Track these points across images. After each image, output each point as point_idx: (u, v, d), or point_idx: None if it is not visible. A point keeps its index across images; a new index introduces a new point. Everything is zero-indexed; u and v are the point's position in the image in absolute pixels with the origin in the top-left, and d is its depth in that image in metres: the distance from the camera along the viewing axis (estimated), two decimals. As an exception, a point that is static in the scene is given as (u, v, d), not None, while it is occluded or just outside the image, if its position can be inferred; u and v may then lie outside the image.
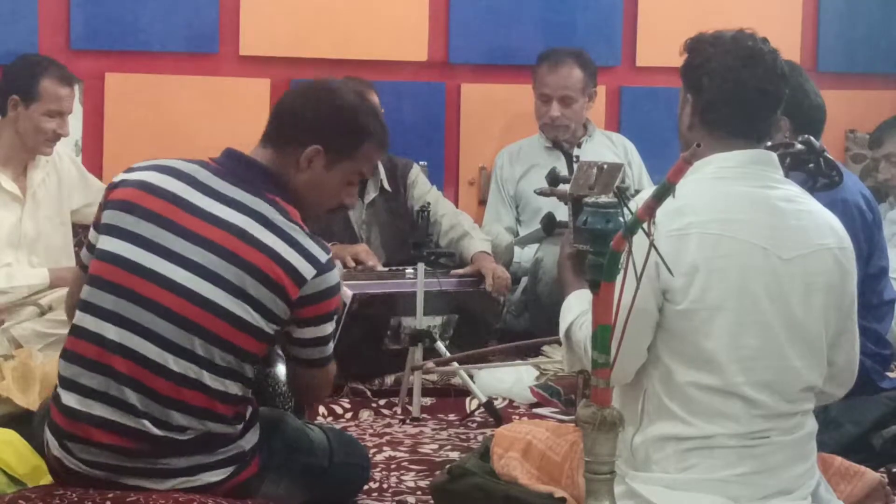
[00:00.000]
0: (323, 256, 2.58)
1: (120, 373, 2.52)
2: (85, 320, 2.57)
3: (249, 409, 2.65)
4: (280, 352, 3.14)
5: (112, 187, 2.64)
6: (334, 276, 2.62)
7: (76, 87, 4.20)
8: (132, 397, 2.52)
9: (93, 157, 4.70)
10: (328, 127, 2.66)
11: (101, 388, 2.53)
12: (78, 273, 2.74)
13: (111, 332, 2.53)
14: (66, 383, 2.58)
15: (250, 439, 2.64)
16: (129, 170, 2.66)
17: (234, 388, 2.57)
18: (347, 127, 2.68)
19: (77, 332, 2.59)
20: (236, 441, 2.61)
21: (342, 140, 2.67)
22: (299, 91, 2.75)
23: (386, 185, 4.61)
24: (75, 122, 4.46)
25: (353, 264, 4.33)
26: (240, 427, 2.61)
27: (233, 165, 2.64)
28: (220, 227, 2.54)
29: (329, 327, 2.66)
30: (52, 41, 4.64)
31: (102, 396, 2.53)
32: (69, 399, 2.56)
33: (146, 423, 2.52)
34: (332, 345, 2.71)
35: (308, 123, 2.66)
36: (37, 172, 4.12)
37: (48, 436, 2.63)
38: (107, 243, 2.58)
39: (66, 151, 4.34)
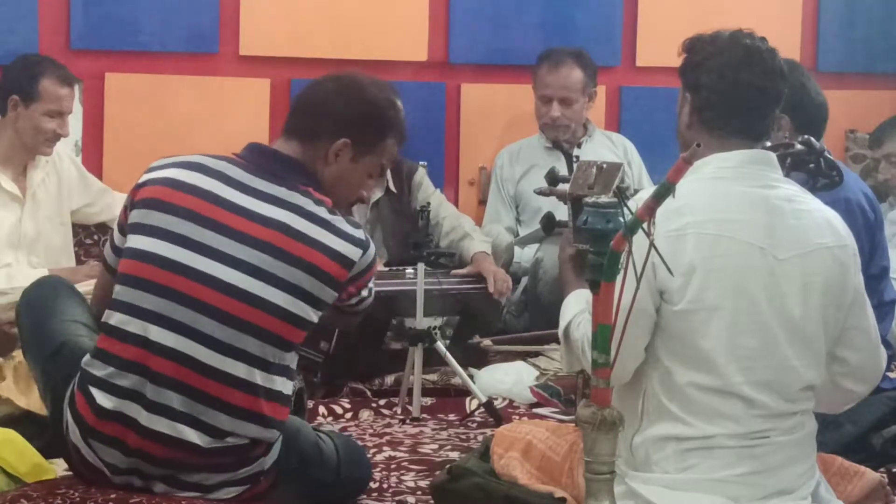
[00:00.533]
0: (362, 234, 2.64)
1: (161, 374, 2.49)
2: (122, 320, 2.54)
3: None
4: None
5: (137, 188, 2.62)
6: (373, 247, 2.68)
7: (76, 87, 4.21)
8: (174, 400, 2.49)
9: (93, 157, 4.70)
10: (357, 121, 2.68)
11: (136, 388, 2.50)
12: (105, 274, 2.72)
13: (155, 332, 2.50)
14: (99, 383, 2.53)
15: (273, 455, 2.63)
16: (151, 169, 2.65)
17: (279, 383, 2.57)
18: (375, 121, 2.71)
19: (114, 332, 2.55)
20: (259, 459, 2.60)
21: (369, 134, 2.70)
22: (326, 84, 2.74)
23: (391, 186, 4.62)
24: (75, 122, 4.46)
25: None
26: (276, 434, 2.60)
27: (261, 160, 2.64)
28: (263, 225, 2.54)
29: (371, 285, 2.74)
30: (52, 41, 4.64)
31: (138, 397, 2.51)
32: (102, 399, 2.53)
33: (181, 426, 2.50)
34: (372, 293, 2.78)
35: (338, 117, 2.67)
36: (37, 172, 4.12)
37: (70, 420, 2.59)
38: (139, 242, 2.55)
39: (66, 151, 4.34)
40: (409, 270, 4.22)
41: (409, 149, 4.78)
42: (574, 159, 4.86)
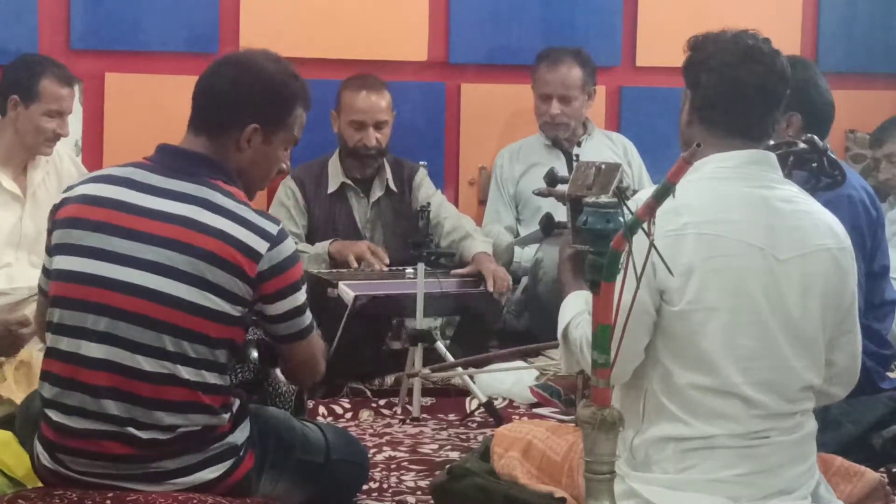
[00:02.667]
0: (273, 228, 2.59)
1: (97, 386, 2.52)
2: (55, 340, 2.58)
3: (237, 403, 2.64)
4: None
5: (55, 209, 2.65)
6: (289, 245, 2.61)
7: (76, 87, 4.20)
8: (112, 408, 2.52)
9: (93, 157, 4.70)
10: (262, 104, 2.66)
11: (79, 404, 2.54)
12: (41, 300, 2.74)
13: (84, 347, 2.54)
14: (49, 403, 2.59)
15: (241, 434, 2.64)
16: (69, 188, 2.68)
17: (211, 377, 2.56)
18: (279, 99, 2.68)
19: (51, 353, 2.60)
20: (227, 437, 2.60)
21: (276, 113, 2.68)
22: (223, 72, 2.71)
23: (392, 186, 4.63)
24: (75, 122, 4.46)
25: (356, 264, 4.34)
26: (227, 417, 2.60)
27: (167, 159, 2.65)
28: (166, 222, 2.54)
29: (300, 297, 2.65)
30: (52, 41, 4.64)
31: (83, 412, 2.54)
32: (56, 416, 2.57)
33: (130, 429, 2.53)
34: (308, 315, 2.69)
35: (242, 104, 2.65)
36: (37, 172, 4.12)
37: (39, 450, 2.63)
38: (62, 262, 2.59)
39: (66, 151, 4.34)
40: (409, 270, 4.23)
41: (410, 149, 4.81)
42: (574, 158, 4.89)
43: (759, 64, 2.47)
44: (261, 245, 2.55)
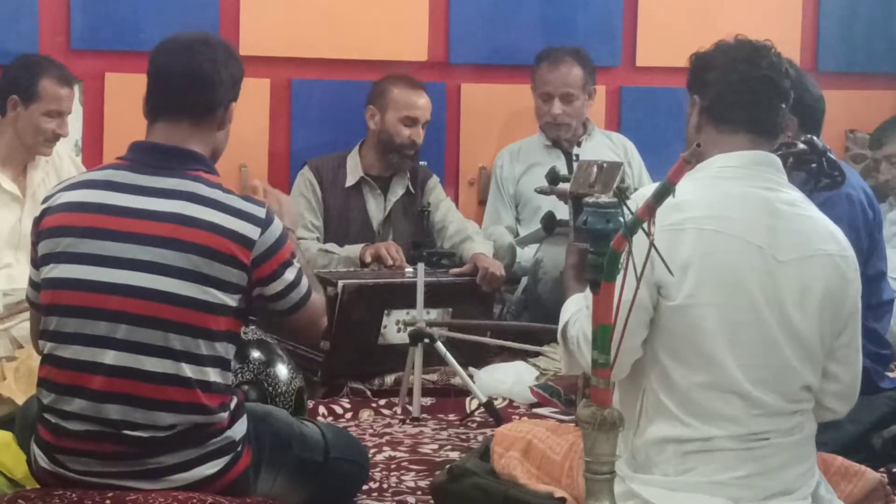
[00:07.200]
0: (261, 212, 2.60)
1: (96, 391, 2.52)
2: (53, 348, 2.58)
3: (234, 401, 2.65)
4: (279, 351, 3.15)
5: (38, 221, 2.64)
6: (278, 225, 2.63)
7: (76, 87, 4.20)
8: (113, 412, 2.52)
9: (93, 157, 4.69)
10: (239, 80, 2.72)
11: (78, 410, 2.54)
12: (33, 313, 2.74)
13: (82, 353, 2.54)
14: (46, 409, 2.59)
15: (238, 430, 2.64)
16: (46, 198, 2.67)
17: (213, 374, 2.56)
18: (241, 73, 2.74)
19: (49, 360, 2.59)
20: (225, 432, 2.60)
21: (239, 86, 2.74)
22: (195, 56, 2.67)
23: (411, 188, 4.66)
24: (75, 122, 4.45)
25: (368, 259, 4.36)
26: (225, 416, 2.60)
27: (144, 156, 2.64)
28: (156, 220, 2.54)
29: (293, 271, 2.66)
30: (52, 41, 4.63)
31: (82, 417, 2.54)
32: (54, 419, 2.58)
33: (125, 431, 2.53)
34: (303, 284, 2.69)
35: (226, 87, 2.67)
36: (36, 173, 4.12)
37: (37, 452, 2.63)
38: (54, 271, 2.58)
39: (66, 152, 4.34)
40: (409, 269, 4.23)
41: (409, 149, 4.80)
42: (574, 158, 4.90)
43: (765, 59, 2.49)
44: (253, 231, 2.56)
